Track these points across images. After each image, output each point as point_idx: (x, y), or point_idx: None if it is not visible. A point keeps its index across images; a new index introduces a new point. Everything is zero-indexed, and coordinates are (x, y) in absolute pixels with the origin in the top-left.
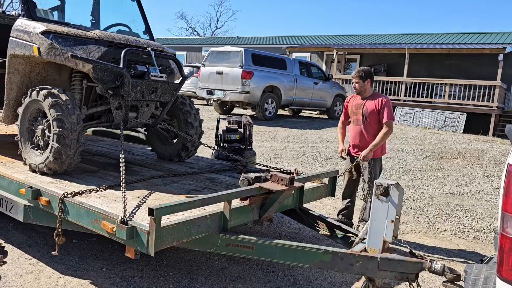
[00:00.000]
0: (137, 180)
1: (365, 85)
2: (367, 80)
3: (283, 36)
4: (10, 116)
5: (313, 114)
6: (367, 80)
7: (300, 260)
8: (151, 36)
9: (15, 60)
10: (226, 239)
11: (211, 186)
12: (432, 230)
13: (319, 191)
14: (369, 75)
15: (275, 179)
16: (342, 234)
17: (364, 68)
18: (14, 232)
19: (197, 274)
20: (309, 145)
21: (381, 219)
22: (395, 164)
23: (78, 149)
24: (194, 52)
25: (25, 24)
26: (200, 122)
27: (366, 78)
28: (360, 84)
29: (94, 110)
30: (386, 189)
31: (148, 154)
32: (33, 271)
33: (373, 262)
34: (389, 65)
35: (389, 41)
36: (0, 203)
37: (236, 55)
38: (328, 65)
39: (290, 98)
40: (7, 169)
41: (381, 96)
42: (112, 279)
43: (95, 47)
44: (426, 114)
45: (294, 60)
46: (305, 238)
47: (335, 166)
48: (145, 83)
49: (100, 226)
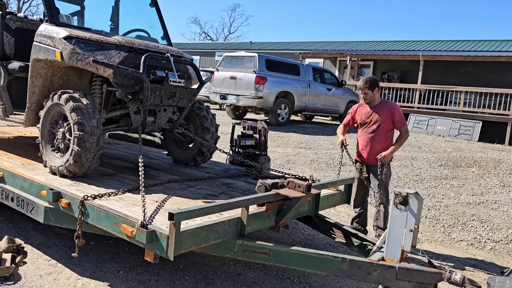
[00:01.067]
0: (154, 184)
1: (373, 95)
2: (375, 89)
3: (296, 41)
4: (31, 119)
5: (325, 120)
6: (375, 89)
7: (317, 268)
8: (169, 41)
9: (38, 64)
10: (243, 244)
11: (227, 191)
12: (448, 240)
13: (334, 198)
14: (376, 84)
15: (292, 185)
16: (359, 242)
17: (370, 77)
18: (33, 233)
19: (212, 279)
20: (322, 151)
21: (399, 228)
22: (410, 172)
23: (98, 152)
24: (207, 56)
25: (49, 29)
26: (216, 127)
27: (373, 87)
28: (369, 95)
29: (113, 114)
30: (405, 198)
31: (164, 158)
32: (52, 272)
33: (391, 272)
34: (403, 72)
35: (403, 48)
36: (21, 204)
37: (250, 61)
38: (341, 71)
39: (303, 104)
40: (28, 171)
41: (391, 102)
42: (129, 282)
43: (116, 52)
44: (440, 122)
45: (307, 66)
46: (319, 245)
47: (348, 173)
48: (163, 88)
49: (120, 229)
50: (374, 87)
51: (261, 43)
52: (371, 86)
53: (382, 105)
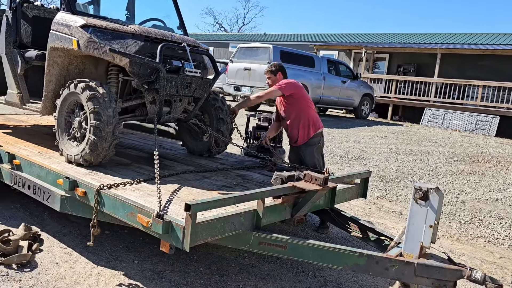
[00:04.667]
0: (169, 174)
1: (276, 79)
2: (278, 74)
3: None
4: (48, 108)
5: (339, 113)
6: (278, 73)
7: (333, 262)
8: (185, 31)
9: (55, 53)
10: (259, 237)
11: (243, 183)
12: (465, 236)
13: (350, 192)
14: (279, 69)
15: (308, 178)
16: (375, 237)
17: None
18: (49, 221)
19: (227, 270)
20: (336, 144)
21: (419, 224)
22: (425, 167)
23: (113, 142)
24: (221, 48)
25: (65, 18)
26: (232, 118)
27: (276, 72)
28: (272, 79)
29: (129, 104)
30: (425, 193)
31: (178, 149)
32: (68, 260)
33: (410, 268)
34: (419, 65)
35: (420, 40)
36: (38, 192)
37: (265, 52)
38: (356, 63)
39: (317, 96)
40: (44, 159)
41: None
42: (144, 272)
43: (132, 42)
44: (456, 116)
45: (322, 58)
46: (334, 239)
47: (362, 167)
48: (179, 78)
49: (136, 219)
50: (277, 71)
51: (275, 35)
52: (274, 70)
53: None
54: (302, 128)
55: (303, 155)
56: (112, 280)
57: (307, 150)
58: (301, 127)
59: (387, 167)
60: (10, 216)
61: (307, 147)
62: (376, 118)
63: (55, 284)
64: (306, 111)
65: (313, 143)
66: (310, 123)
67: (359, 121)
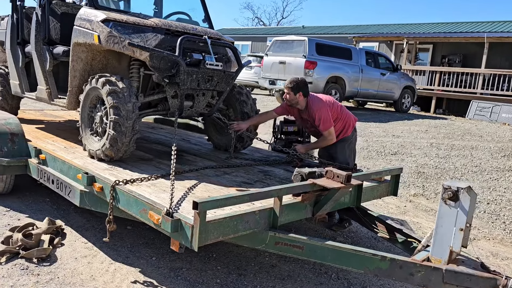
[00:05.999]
0: (189, 170)
1: (296, 98)
2: (298, 93)
3: (350, 25)
4: (73, 103)
5: (379, 106)
6: (298, 93)
7: (353, 265)
8: (210, 24)
9: (78, 48)
10: (275, 237)
11: (264, 179)
12: (509, 238)
13: (379, 190)
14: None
15: (330, 175)
16: (403, 238)
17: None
18: (74, 215)
19: (245, 270)
20: (373, 139)
21: (448, 227)
22: (468, 163)
23: (133, 137)
24: (258, 42)
25: (88, 13)
26: (257, 112)
27: (297, 90)
28: (291, 96)
29: (151, 99)
30: (455, 193)
31: (205, 144)
32: (87, 255)
33: (437, 274)
34: (466, 56)
35: (466, 29)
36: (60, 187)
37: (300, 45)
38: (398, 55)
39: (355, 90)
40: (68, 154)
41: (314, 105)
42: (161, 269)
43: (152, 35)
44: (505, 109)
45: (360, 50)
46: (363, 238)
47: (400, 162)
48: (200, 72)
49: (147, 216)
50: (298, 90)
51: (313, 27)
52: (295, 88)
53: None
54: (339, 131)
55: (335, 151)
56: (128, 277)
57: (339, 146)
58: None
59: (426, 162)
60: (38, 209)
61: (339, 143)
62: (418, 111)
63: (71, 279)
64: (340, 120)
65: (346, 139)
66: (345, 126)
67: (399, 114)
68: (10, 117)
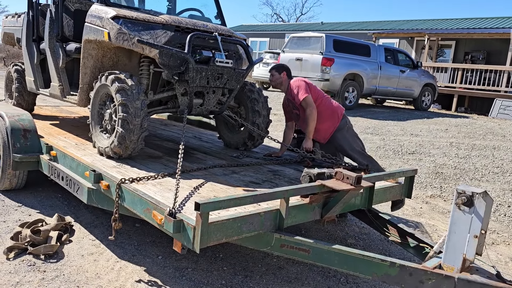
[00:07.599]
0: (197, 168)
1: (281, 77)
2: (282, 73)
3: (370, 21)
4: (84, 100)
5: (398, 104)
6: (282, 72)
7: (361, 271)
8: (222, 21)
9: (89, 45)
10: (281, 239)
11: (273, 179)
12: None
13: (392, 192)
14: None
15: (339, 176)
16: (415, 243)
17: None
18: (84, 212)
19: (252, 271)
20: (391, 137)
21: (462, 233)
22: (489, 163)
23: (142, 134)
24: (277, 38)
25: (98, 10)
26: (268, 110)
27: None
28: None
29: (161, 96)
30: (469, 198)
31: (216, 142)
32: (94, 253)
33: (449, 283)
34: (489, 52)
35: (490, 25)
36: (69, 184)
37: (317, 41)
38: (419, 52)
39: (373, 87)
40: (78, 150)
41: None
42: (166, 269)
43: (162, 32)
44: None
45: (379, 47)
46: (375, 241)
47: (417, 162)
48: (210, 69)
49: (151, 216)
50: (282, 70)
51: (332, 24)
52: (279, 67)
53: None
54: (327, 121)
55: (337, 142)
56: (132, 276)
57: (338, 135)
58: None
59: (445, 162)
60: (49, 205)
61: (337, 132)
62: (438, 109)
63: (76, 276)
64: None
65: (341, 127)
66: (333, 113)
67: (419, 112)
68: (23, 113)
